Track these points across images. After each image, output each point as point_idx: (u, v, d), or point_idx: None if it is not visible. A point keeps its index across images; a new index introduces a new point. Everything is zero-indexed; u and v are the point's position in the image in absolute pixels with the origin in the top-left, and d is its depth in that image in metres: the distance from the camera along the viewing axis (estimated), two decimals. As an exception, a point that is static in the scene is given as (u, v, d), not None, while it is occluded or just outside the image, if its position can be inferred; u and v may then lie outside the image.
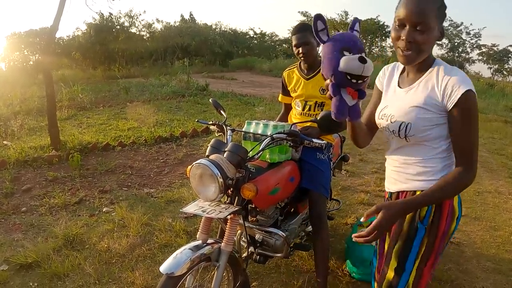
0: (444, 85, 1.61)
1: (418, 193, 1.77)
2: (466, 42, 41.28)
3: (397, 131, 1.74)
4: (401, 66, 1.88)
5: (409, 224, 1.79)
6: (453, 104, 1.58)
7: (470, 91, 1.56)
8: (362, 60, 1.55)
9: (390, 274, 1.84)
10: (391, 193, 1.96)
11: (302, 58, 3.04)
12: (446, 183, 1.64)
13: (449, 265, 3.49)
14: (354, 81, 1.59)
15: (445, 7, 1.63)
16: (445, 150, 1.73)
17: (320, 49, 1.71)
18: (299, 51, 3.00)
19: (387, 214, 1.60)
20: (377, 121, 1.89)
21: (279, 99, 3.44)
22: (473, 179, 1.64)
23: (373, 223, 1.61)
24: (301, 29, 3.02)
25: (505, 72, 41.51)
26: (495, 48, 41.13)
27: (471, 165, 1.64)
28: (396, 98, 1.81)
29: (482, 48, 41.55)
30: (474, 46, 41.12)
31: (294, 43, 3.02)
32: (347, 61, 1.56)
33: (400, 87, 1.83)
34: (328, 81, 1.67)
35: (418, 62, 1.69)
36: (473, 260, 3.64)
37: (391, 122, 1.77)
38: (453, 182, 1.64)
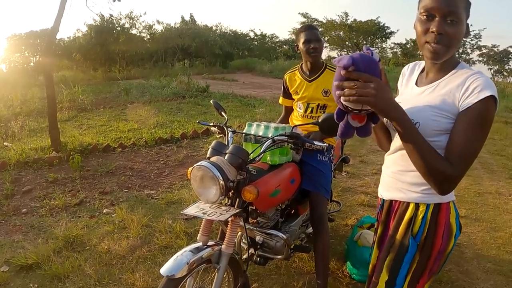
0: (467, 85, 1.46)
1: (412, 205, 1.67)
2: (466, 43, 41.25)
3: None
4: (422, 65, 1.74)
5: (401, 238, 1.69)
6: (469, 105, 1.43)
7: (492, 97, 1.41)
8: None
9: (381, 287, 1.75)
10: (383, 200, 1.85)
11: (312, 55, 2.99)
12: (432, 149, 1.45)
13: (449, 266, 3.49)
14: (356, 111, 1.46)
15: (469, 3, 1.49)
16: None
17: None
18: (309, 46, 2.96)
19: (387, 89, 1.38)
20: None
21: (280, 101, 3.43)
22: (449, 183, 1.46)
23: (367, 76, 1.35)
24: (311, 27, 3.03)
25: (505, 73, 41.46)
26: (495, 49, 41.09)
27: (459, 168, 1.44)
28: (411, 96, 1.69)
29: (483, 49, 41.50)
30: (475, 47, 41.06)
31: (304, 39, 2.98)
32: None
33: (417, 86, 1.70)
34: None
35: (441, 62, 1.56)
36: (473, 261, 3.64)
37: None
38: (437, 157, 1.44)
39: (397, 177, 1.70)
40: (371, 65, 1.38)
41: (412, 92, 1.71)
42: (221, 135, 2.83)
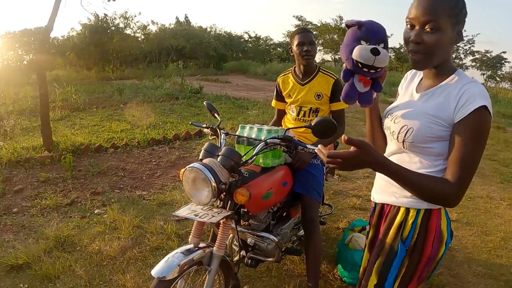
0: (460, 95, 1.48)
1: (402, 210, 1.69)
2: (459, 48, 41.47)
3: (396, 133, 1.64)
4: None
5: (391, 242, 1.70)
6: (463, 116, 1.46)
7: (485, 107, 1.44)
8: (375, 52, 1.55)
9: None
10: (376, 204, 1.87)
11: (305, 57, 3.00)
12: (428, 179, 1.49)
13: (440, 270, 3.51)
14: (365, 70, 1.61)
15: (462, 8, 1.50)
16: (443, 171, 1.56)
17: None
18: (303, 49, 2.97)
19: (358, 159, 1.43)
20: (383, 119, 1.81)
21: (272, 104, 3.43)
22: (454, 200, 1.47)
23: (342, 152, 1.43)
24: (306, 30, 3.04)
25: (498, 79, 41.73)
26: (488, 55, 41.36)
27: (461, 183, 1.46)
28: (409, 102, 1.72)
29: (476, 54, 41.76)
30: (468, 52, 41.29)
31: (298, 41, 2.99)
32: (359, 50, 1.58)
33: (416, 92, 1.71)
34: (343, 65, 1.69)
35: (436, 68, 1.59)
36: (464, 265, 3.66)
37: (394, 122, 1.67)
38: (435, 184, 1.48)
39: (390, 181, 1.65)
40: (374, 28, 1.63)
41: (411, 98, 1.73)
42: (214, 137, 2.83)
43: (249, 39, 40.75)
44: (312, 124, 2.26)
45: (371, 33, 1.63)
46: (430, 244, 1.63)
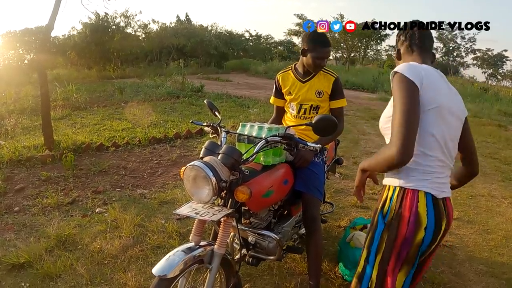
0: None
1: (386, 187, 1.91)
2: (461, 46, 41.44)
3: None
4: None
5: (375, 216, 1.88)
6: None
7: (395, 72, 1.80)
8: None
9: (361, 264, 1.94)
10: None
11: (318, 69, 3.01)
12: (379, 152, 1.81)
13: (441, 268, 3.51)
14: None
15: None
16: None
17: None
18: (319, 63, 2.95)
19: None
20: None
21: (271, 101, 3.39)
22: (398, 156, 1.66)
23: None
24: (329, 44, 3.00)
25: (499, 77, 41.74)
26: (489, 53, 41.36)
27: (395, 141, 1.67)
28: None
29: (477, 52, 41.77)
30: (469, 50, 41.31)
31: (320, 55, 2.93)
32: None
33: None
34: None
35: None
36: (465, 263, 3.66)
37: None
38: (383, 152, 1.76)
39: None
40: None
41: None
42: (215, 135, 2.82)
43: (250, 38, 40.81)
44: (313, 122, 2.25)
45: None
46: (405, 222, 1.76)
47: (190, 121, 3.34)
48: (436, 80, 1.84)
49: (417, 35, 1.99)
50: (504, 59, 41.12)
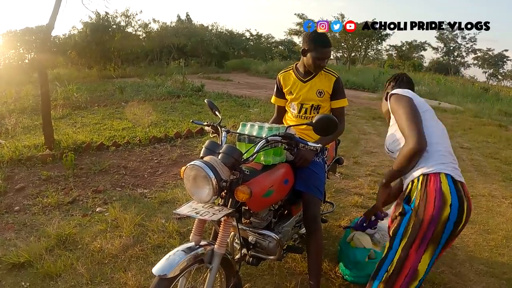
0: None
1: (409, 185, 2.13)
2: (461, 46, 41.44)
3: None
4: None
5: (401, 209, 2.06)
6: None
7: (392, 94, 2.34)
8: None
9: (385, 252, 2.12)
10: None
11: (318, 69, 3.02)
12: (397, 157, 2.11)
13: (442, 268, 3.50)
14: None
15: None
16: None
17: None
18: (320, 63, 2.95)
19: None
20: None
21: (272, 100, 3.39)
22: (416, 146, 2.00)
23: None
24: (330, 45, 3.00)
25: (500, 77, 41.74)
26: (490, 53, 41.35)
27: (408, 138, 2.05)
28: None
29: (478, 52, 41.77)
30: (470, 50, 41.32)
31: (320, 55, 2.93)
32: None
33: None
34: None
35: None
36: (466, 263, 3.66)
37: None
38: (401, 153, 2.08)
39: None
40: None
41: None
42: (215, 134, 2.81)
43: (251, 37, 40.81)
44: (313, 122, 2.25)
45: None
46: (431, 203, 1.96)
47: (191, 120, 3.33)
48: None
49: (405, 79, 2.61)
50: (505, 59, 41.12)
